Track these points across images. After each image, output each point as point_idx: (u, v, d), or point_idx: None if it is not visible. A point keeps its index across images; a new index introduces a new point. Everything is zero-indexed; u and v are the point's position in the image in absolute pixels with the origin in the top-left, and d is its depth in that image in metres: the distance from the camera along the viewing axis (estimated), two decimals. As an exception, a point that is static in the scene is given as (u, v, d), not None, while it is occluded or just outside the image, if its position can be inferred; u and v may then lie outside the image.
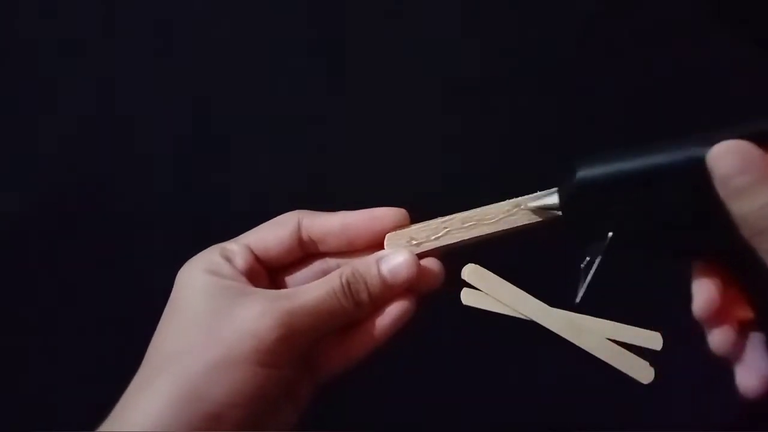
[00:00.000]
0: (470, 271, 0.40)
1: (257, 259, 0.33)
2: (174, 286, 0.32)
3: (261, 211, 0.37)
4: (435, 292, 0.35)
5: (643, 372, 0.40)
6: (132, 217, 0.56)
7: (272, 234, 0.34)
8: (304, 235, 0.34)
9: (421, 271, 0.33)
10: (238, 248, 0.33)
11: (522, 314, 0.42)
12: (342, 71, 0.60)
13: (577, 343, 0.42)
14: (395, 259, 0.33)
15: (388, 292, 0.32)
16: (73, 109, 0.59)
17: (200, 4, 0.61)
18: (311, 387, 0.34)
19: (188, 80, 0.60)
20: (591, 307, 0.46)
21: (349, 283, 0.32)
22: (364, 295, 0.32)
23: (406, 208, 0.35)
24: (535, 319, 0.42)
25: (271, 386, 0.30)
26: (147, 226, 0.56)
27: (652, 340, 0.41)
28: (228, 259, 0.32)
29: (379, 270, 0.32)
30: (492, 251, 0.36)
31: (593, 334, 0.42)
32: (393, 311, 0.33)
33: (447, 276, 0.42)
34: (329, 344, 0.34)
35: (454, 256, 0.36)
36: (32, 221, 0.56)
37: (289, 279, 0.35)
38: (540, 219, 0.35)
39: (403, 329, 0.33)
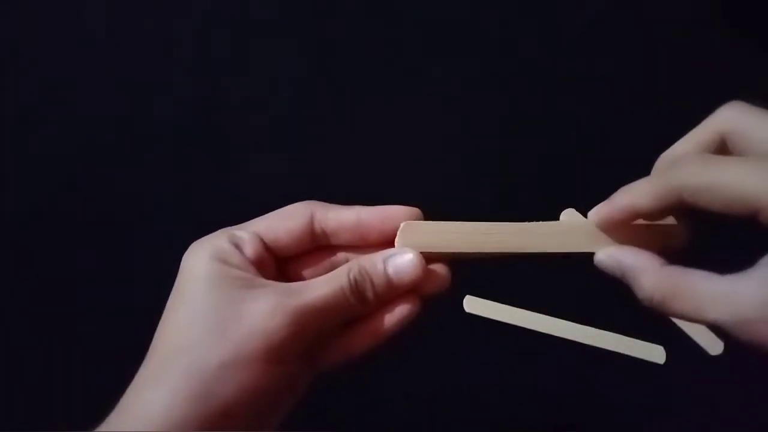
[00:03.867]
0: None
1: (266, 248, 0.33)
2: (180, 271, 0.31)
3: (261, 210, 0.37)
4: (441, 295, 0.34)
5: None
6: (132, 217, 0.56)
7: (283, 225, 0.33)
8: (317, 228, 0.33)
9: (428, 274, 0.33)
10: (248, 236, 0.32)
11: (526, 327, 0.42)
12: (342, 71, 0.60)
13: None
14: (401, 258, 0.32)
15: (392, 292, 0.33)
16: (74, 109, 0.59)
17: (199, 9, 0.61)
18: (310, 377, 0.34)
19: (189, 80, 0.60)
20: (596, 316, 0.46)
21: (356, 281, 0.31)
22: (369, 294, 0.32)
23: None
24: (539, 330, 0.42)
25: (279, 382, 0.30)
26: (147, 225, 0.56)
27: (655, 353, 0.41)
28: (237, 247, 0.31)
29: (385, 269, 0.32)
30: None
31: (599, 342, 0.42)
32: (397, 313, 0.33)
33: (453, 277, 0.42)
34: (331, 339, 0.34)
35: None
36: (33, 221, 0.56)
37: (297, 269, 0.34)
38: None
39: (405, 329, 0.33)
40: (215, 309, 0.30)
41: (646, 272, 0.30)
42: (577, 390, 0.50)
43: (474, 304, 0.45)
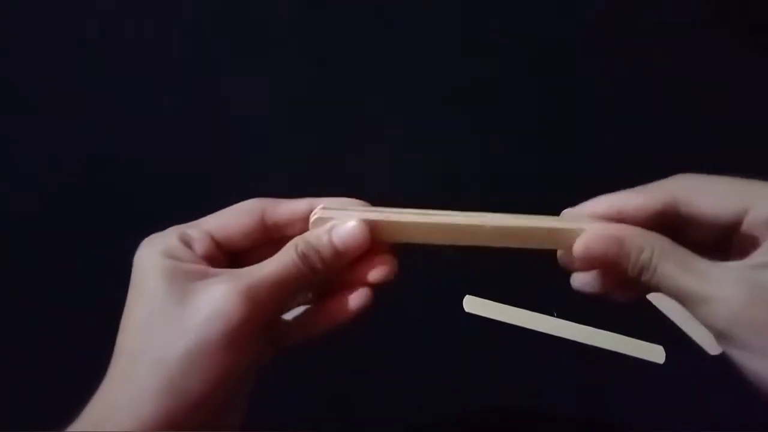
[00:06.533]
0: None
1: (217, 245, 0.34)
2: (133, 269, 0.32)
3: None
4: (392, 284, 0.35)
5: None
6: (133, 217, 0.56)
7: (235, 222, 0.34)
8: (269, 222, 0.35)
9: (375, 260, 0.34)
10: (198, 234, 0.33)
11: (526, 327, 0.42)
12: (343, 71, 0.60)
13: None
14: (344, 227, 0.33)
15: (340, 259, 0.33)
16: (75, 109, 0.59)
17: (199, 8, 0.62)
18: (271, 354, 0.35)
19: (190, 80, 0.60)
20: (596, 317, 0.47)
21: (303, 253, 0.32)
22: (318, 264, 0.33)
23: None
24: (539, 330, 0.42)
25: (243, 364, 0.31)
26: (148, 226, 0.56)
27: (655, 353, 0.41)
28: (187, 245, 0.33)
29: (330, 238, 0.33)
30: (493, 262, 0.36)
31: (599, 342, 0.42)
32: (350, 301, 0.34)
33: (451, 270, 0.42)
34: (290, 325, 0.35)
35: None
36: (32, 221, 0.56)
37: (252, 261, 0.34)
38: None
39: (361, 317, 0.34)
40: (172, 302, 0.30)
41: (640, 233, 0.30)
42: (577, 390, 0.50)
43: (474, 304, 0.45)
